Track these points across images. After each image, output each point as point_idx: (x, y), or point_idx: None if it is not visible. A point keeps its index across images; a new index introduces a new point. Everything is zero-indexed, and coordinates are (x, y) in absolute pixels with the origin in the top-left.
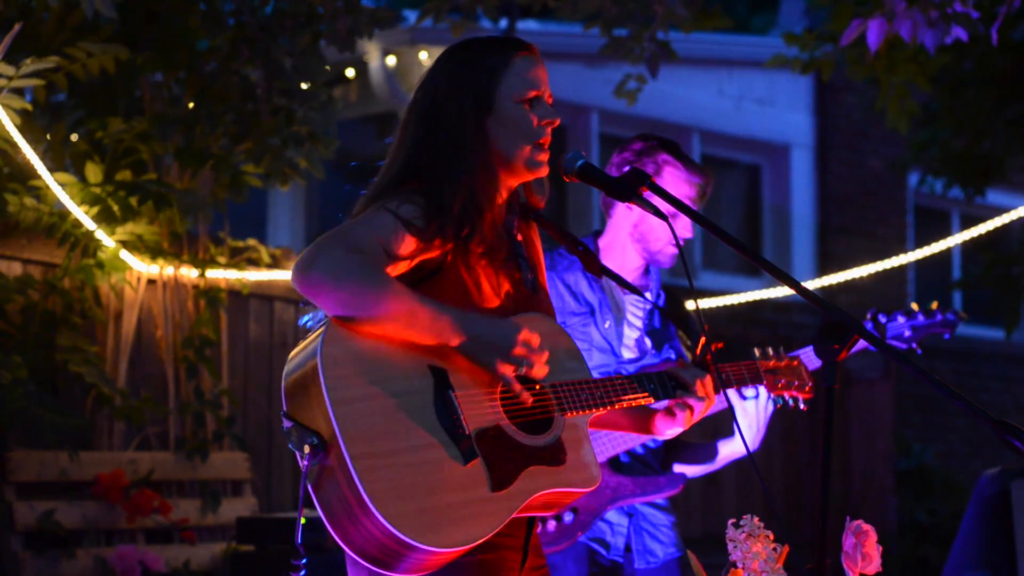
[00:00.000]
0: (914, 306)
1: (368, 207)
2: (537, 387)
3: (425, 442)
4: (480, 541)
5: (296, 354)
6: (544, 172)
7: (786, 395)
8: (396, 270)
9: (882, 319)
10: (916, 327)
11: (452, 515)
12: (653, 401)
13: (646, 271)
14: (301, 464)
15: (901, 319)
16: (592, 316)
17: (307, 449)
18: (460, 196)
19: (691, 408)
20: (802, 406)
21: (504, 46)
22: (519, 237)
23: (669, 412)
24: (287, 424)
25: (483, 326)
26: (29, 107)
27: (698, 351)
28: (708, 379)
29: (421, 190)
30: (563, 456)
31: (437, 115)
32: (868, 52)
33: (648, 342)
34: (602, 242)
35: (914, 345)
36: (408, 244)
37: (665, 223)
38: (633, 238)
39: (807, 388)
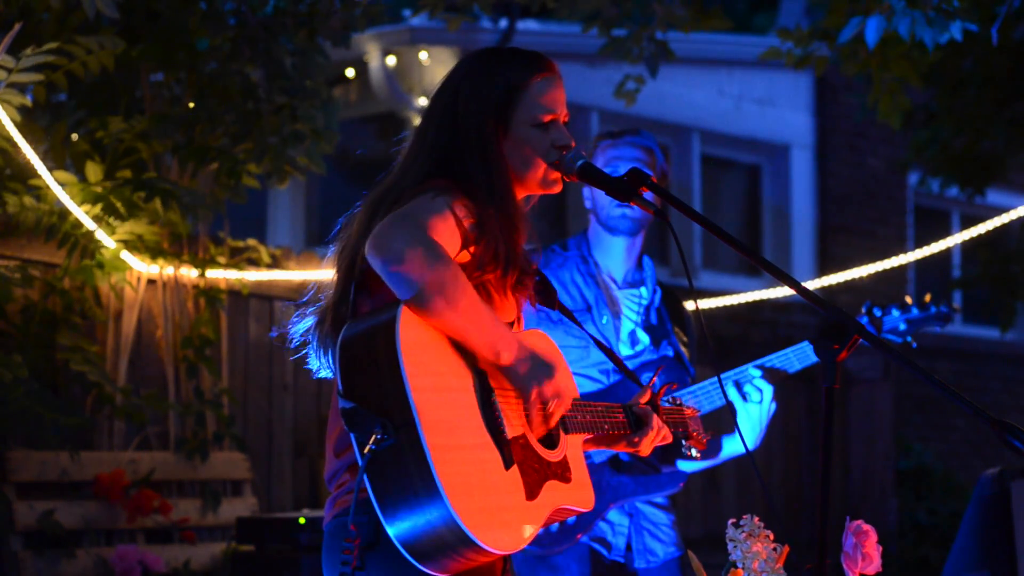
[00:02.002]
0: (908, 299)
1: (417, 197)
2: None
3: (478, 442)
4: (521, 548)
5: (359, 333)
6: (557, 190)
7: (692, 444)
8: None
9: (877, 313)
10: (911, 320)
11: (504, 518)
12: (628, 430)
13: (639, 266)
14: (360, 451)
15: (896, 313)
16: (589, 313)
17: (377, 435)
18: (502, 236)
19: (645, 442)
20: (698, 455)
21: (524, 66)
22: None
23: (622, 439)
24: (346, 406)
25: (534, 354)
26: (28, 103)
27: (647, 390)
28: (657, 420)
29: (458, 188)
30: (569, 474)
31: (456, 131)
32: (862, 48)
33: (646, 336)
34: (590, 233)
35: (909, 339)
36: (457, 249)
37: (615, 198)
38: (597, 220)
39: (704, 439)
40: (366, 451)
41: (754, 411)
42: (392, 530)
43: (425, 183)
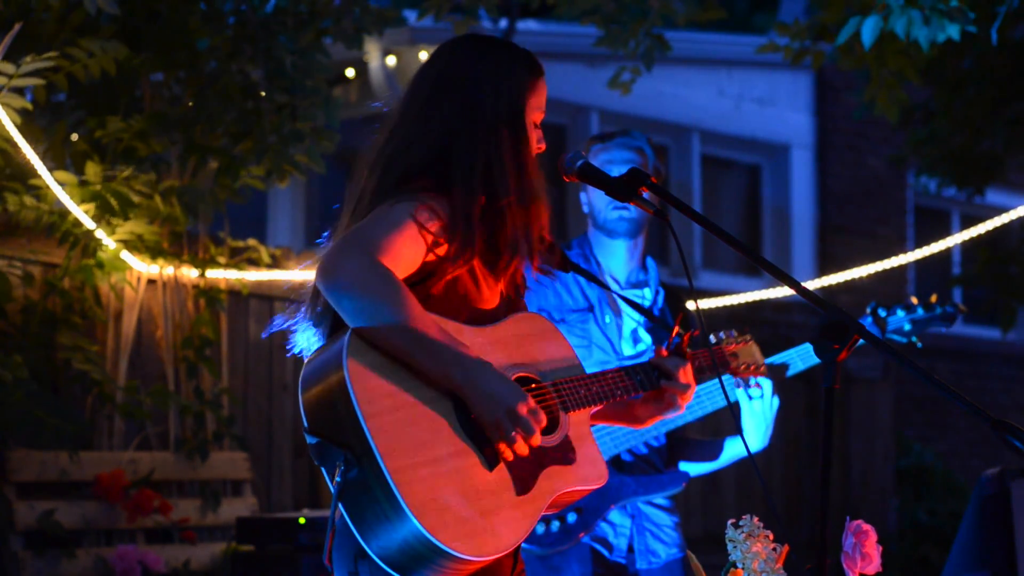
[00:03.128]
0: (913, 300)
1: (384, 202)
2: (534, 385)
3: (453, 450)
4: (515, 546)
5: (314, 368)
6: None
7: (746, 377)
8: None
9: (882, 313)
10: (916, 320)
11: (487, 523)
12: (642, 392)
13: (643, 266)
14: (331, 482)
15: (901, 313)
16: (591, 313)
17: (340, 467)
18: (503, 215)
19: (678, 394)
20: (759, 385)
21: (531, 67)
22: None
23: (653, 401)
24: (312, 440)
25: (490, 381)
26: (29, 106)
27: (672, 336)
28: (688, 367)
29: (438, 190)
30: (572, 454)
31: (475, 117)
32: (858, 44)
33: (648, 336)
34: (591, 236)
35: (914, 339)
36: (422, 256)
37: (606, 194)
38: (595, 224)
39: (761, 368)
40: (334, 483)
41: (757, 407)
42: (375, 554)
43: (408, 183)
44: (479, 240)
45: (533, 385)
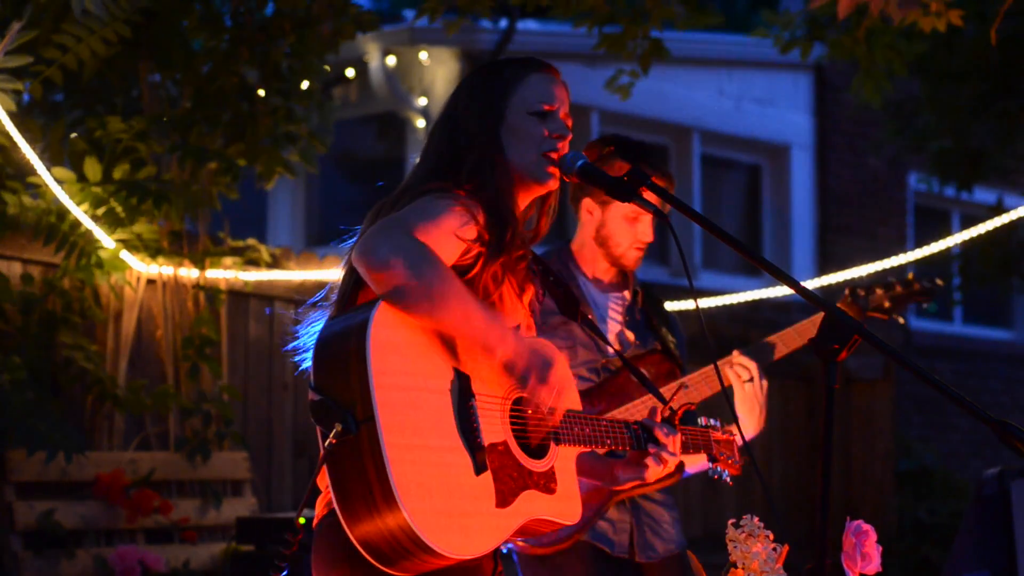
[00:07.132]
0: (891, 279)
1: (413, 200)
2: (531, 410)
3: (449, 444)
4: (482, 554)
5: (336, 329)
6: (553, 185)
7: (720, 467)
8: None
9: (861, 293)
10: (895, 297)
11: (464, 523)
12: (629, 449)
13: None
14: (324, 442)
15: (879, 291)
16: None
17: (337, 428)
18: (493, 201)
19: (663, 462)
20: (730, 481)
21: (524, 63)
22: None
23: (634, 462)
24: (315, 398)
25: (532, 349)
26: (20, 86)
27: (667, 408)
28: (679, 438)
29: (454, 188)
30: (554, 486)
31: (455, 126)
32: (846, 37)
33: (631, 335)
34: (574, 246)
35: (895, 316)
36: (456, 248)
37: (632, 227)
38: (597, 242)
39: (738, 464)
40: (327, 443)
41: (748, 390)
42: (352, 532)
43: (425, 185)
44: (507, 238)
45: (530, 411)
